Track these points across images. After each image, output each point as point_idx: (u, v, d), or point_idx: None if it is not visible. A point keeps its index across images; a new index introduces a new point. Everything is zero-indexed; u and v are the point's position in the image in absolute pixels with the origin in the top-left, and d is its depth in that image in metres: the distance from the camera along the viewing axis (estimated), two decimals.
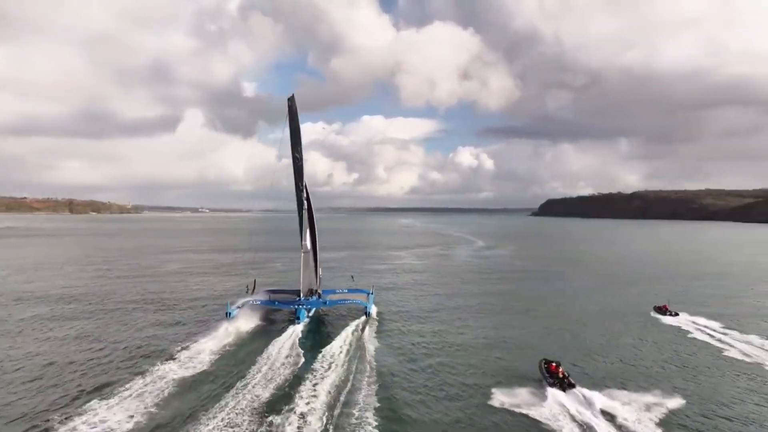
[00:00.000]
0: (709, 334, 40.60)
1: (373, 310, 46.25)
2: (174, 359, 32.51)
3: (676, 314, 46.47)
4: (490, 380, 29.83)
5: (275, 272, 76.60)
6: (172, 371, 30.26)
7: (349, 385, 28.30)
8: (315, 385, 27.99)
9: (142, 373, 29.80)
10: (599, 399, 25.97)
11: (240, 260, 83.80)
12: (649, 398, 26.46)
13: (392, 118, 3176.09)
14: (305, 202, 46.58)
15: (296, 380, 28.65)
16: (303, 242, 47.99)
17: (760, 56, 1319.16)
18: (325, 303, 45.99)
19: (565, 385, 27.81)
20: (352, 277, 55.04)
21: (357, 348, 35.47)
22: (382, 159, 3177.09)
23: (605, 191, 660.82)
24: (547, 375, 29.40)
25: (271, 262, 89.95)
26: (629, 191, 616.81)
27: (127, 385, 27.80)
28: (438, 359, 33.99)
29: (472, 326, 43.65)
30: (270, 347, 35.16)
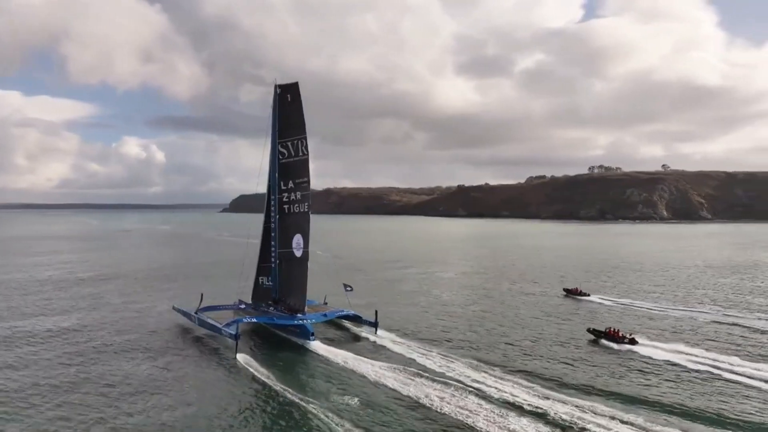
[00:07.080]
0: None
1: None
2: None
3: (588, 294, 56.91)
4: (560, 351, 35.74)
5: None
6: None
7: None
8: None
9: None
10: (663, 346, 35.95)
11: None
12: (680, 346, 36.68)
13: (35, 95, 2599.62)
14: (301, 203, 41.77)
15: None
16: (277, 249, 43.11)
17: (416, 77, 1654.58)
18: (325, 316, 41.98)
19: (634, 342, 36.44)
20: (346, 285, 45.46)
21: (415, 352, 35.65)
22: (21, 144, 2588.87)
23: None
24: (609, 338, 37.31)
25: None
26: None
27: None
28: (498, 348, 37.45)
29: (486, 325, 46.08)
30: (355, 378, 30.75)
